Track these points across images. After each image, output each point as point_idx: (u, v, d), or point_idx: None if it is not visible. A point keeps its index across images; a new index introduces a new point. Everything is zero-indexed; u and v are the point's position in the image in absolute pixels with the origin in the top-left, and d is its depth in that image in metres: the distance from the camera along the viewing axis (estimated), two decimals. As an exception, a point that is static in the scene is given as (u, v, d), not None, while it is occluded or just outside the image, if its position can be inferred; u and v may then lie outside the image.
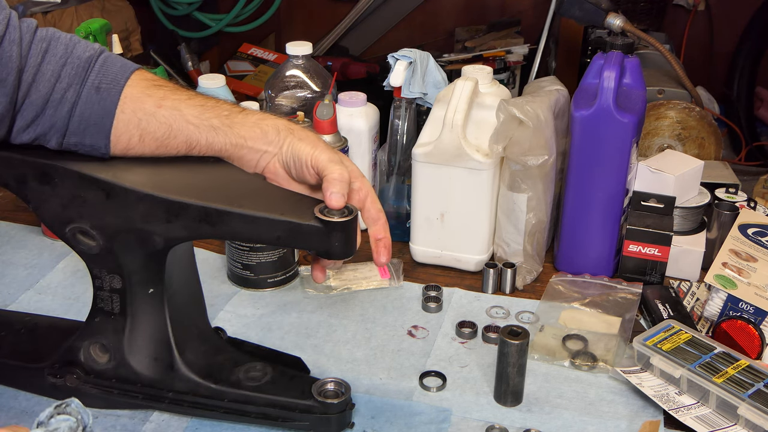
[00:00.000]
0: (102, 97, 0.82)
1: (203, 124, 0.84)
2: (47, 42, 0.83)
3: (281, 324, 1.08)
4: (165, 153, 0.85)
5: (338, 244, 0.80)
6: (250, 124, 0.86)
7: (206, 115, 0.85)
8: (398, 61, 1.21)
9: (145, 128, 0.83)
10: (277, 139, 0.86)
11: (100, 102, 0.82)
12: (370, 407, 0.92)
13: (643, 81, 1.14)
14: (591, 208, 1.15)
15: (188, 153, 0.86)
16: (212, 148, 0.85)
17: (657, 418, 0.91)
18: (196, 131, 0.84)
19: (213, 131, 0.84)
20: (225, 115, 0.85)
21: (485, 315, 1.10)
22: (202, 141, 0.85)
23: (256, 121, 0.86)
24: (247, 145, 0.86)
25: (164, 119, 0.83)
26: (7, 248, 1.25)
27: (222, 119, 0.85)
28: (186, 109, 0.84)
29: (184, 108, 0.84)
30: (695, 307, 1.11)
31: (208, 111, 0.85)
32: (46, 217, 0.87)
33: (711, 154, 1.43)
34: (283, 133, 0.86)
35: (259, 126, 0.86)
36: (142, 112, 0.83)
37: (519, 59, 1.80)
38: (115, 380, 0.89)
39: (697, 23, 1.98)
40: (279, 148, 0.85)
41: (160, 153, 0.85)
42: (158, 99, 0.84)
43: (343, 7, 2.21)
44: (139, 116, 0.83)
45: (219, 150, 0.86)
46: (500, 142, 1.11)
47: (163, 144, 0.84)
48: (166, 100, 0.84)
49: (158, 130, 0.83)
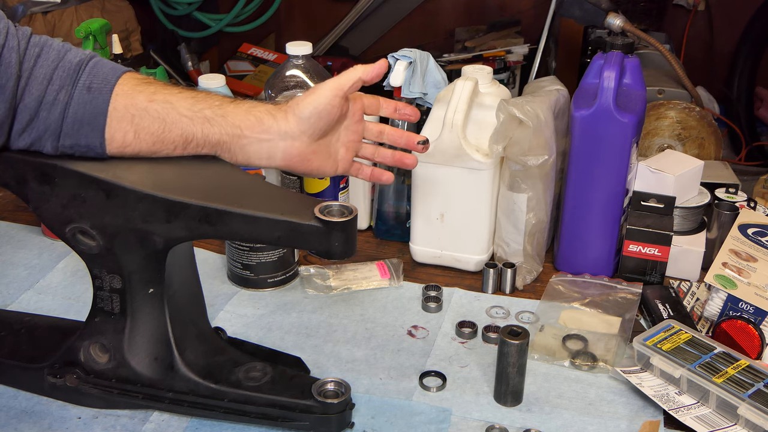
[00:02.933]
0: (93, 96, 0.83)
1: (196, 116, 0.85)
2: (40, 47, 0.83)
3: (281, 324, 1.08)
4: (162, 149, 0.86)
5: (338, 244, 0.80)
6: (242, 113, 0.87)
7: (198, 106, 0.85)
8: (398, 61, 1.21)
9: (139, 124, 0.84)
10: (272, 123, 0.88)
11: (92, 101, 0.83)
12: (370, 407, 0.92)
13: (643, 81, 1.14)
14: (591, 208, 1.15)
15: (186, 148, 0.86)
16: (209, 140, 0.86)
17: (657, 418, 0.91)
18: (190, 123, 0.85)
19: (207, 122, 0.85)
20: (217, 105, 0.87)
21: (485, 315, 1.10)
22: (197, 133, 0.85)
23: (248, 109, 0.88)
24: (244, 134, 0.87)
25: (157, 113, 0.84)
26: (7, 248, 1.25)
27: (214, 110, 0.86)
28: (177, 102, 0.85)
29: (175, 101, 0.85)
30: (695, 307, 1.11)
31: (200, 102, 0.86)
32: (46, 217, 0.87)
33: (711, 154, 1.43)
34: (277, 114, 0.88)
35: (251, 113, 0.88)
36: (135, 107, 0.83)
37: (519, 59, 1.79)
38: (115, 380, 0.89)
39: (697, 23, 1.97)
40: (279, 130, 0.88)
41: (157, 149, 0.85)
42: (149, 94, 0.84)
43: (343, 7, 2.21)
44: (132, 112, 0.83)
45: (217, 142, 0.87)
46: (500, 142, 1.11)
47: (159, 139, 0.85)
48: (157, 95, 0.84)
49: (152, 125, 0.84)
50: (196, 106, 0.85)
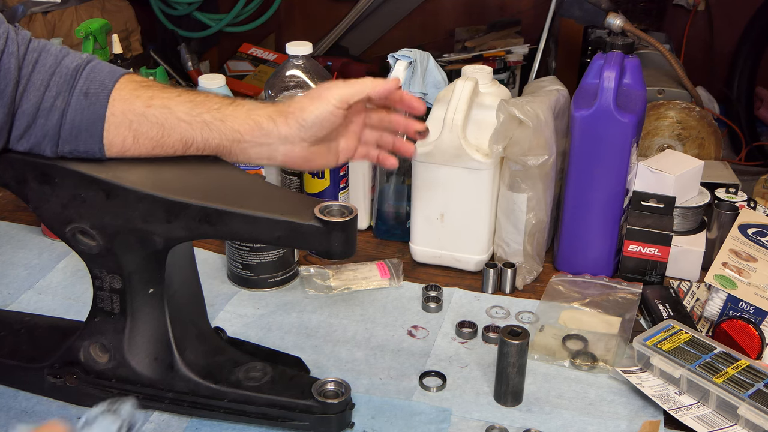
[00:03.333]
0: (91, 102, 0.82)
1: (195, 120, 0.84)
2: (38, 53, 0.83)
3: (281, 324, 1.08)
4: (162, 153, 0.85)
5: (338, 244, 0.80)
6: (242, 117, 0.86)
7: (197, 110, 0.85)
8: (398, 61, 1.21)
9: (138, 129, 0.83)
10: (273, 128, 0.87)
11: (90, 107, 0.82)
12: (370, 407, 0.92)
13: (643, 81, 1.14)
14: (591, 208, 1.15)
15: (186, 151, 0.86)
16: (209, 144, 0.86)
17: (657, 418, 0.91)
18: (189, 128, 0.84)
19: (206, 127, 0.85)
20: (216, 108, 0.86)
21: (485, 315, 1.10)
22: (197, 138, 0.85)
23: (247, 112, 0.87)
24: (244, 138, 0.86)
25: (155, 119, 0.83)
26: (7, 248, 1.25)
27: (213, 113, 0.85)
28: (176, 106, 0.84)
29: (174, 106, 0.84)
30: (695, 307, 1.11)
31: (199, 106, 0.85)
32: (46, 217, 0.87)
33: (711, 154, 1.43)
34: (278, 119, 0.87)
35: (251, 117, 0.87)
36: (132, 113, 0.83)
37: (519, 59, 1.79)
38: (115, 380, 0.89)
39: (697, 23, 1.97)
40: (279, 135, 0.87)
41: (157, 153, 0.85)
42: (147, 99, 0.84)
43: (343, 7, 2.21)
44: (130, 118, 0.83)
45: (217, 146, 0.86)
46: (500, 142, 1.11)
47: (159, 144, 0.84)
48: (155, 99, 0.84)
49: (151, 130, 0.84)
50: (194, 110, 0.85)
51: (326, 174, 1.22)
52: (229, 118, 0.86)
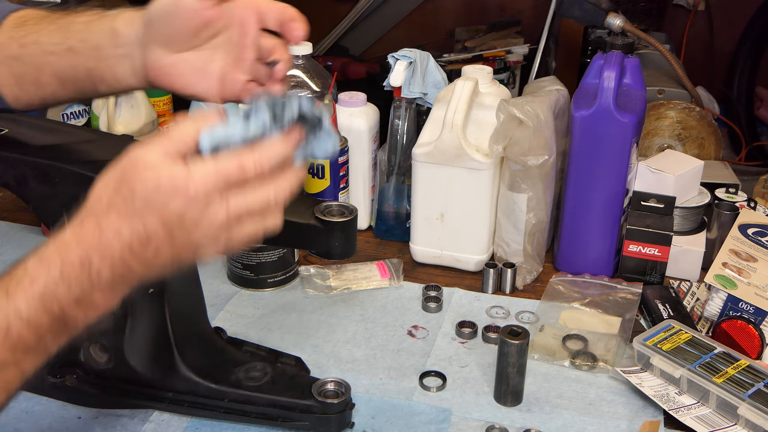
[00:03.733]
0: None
1: (60, 50, 0.75)
2: None
3: (281, 324, 1.08)
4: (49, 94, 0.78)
5: (338, 244, 0.80)
6: (104, 29, 0.76)
7: (65, 35, 0.76)
8: (398, 61, 1.21)
9: (19, 74, 0.77)
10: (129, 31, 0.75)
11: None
12: (370, 407, 0.92)
13: (643, 81, 1.14)
14: (591, 208, 1.15)
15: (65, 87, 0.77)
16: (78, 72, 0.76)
17: (657, 418, 0.91)
18: (57, 60, 0.76)
19: (72, 54, 0.75)
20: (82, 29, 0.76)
21: (485, 315, 1.10)
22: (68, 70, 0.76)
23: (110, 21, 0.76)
24: (107, 54, 0.76)
25: (30, 59, 0.76)
26: (7, 248, 1.25)
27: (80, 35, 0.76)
28: (45, 38, 0.76)
29: (44, 40, 0.76)
30: (695, 307, 1.11)
31: (66, 30, 0.76)
32: (46, 217, 0.87)
33: (711, 154, 1.43)
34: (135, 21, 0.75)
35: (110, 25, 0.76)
36: (11, 58, 0.77)
37: (519, 59, 1.79)
38: (115, 380, 0.89)
39: (697, 23, 1.97)
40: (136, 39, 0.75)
41: (48, 97, 0.78)
42: (19, 39, 0.76)
43: (343, 7, 2.21)
44: (9, 64, 0.77)
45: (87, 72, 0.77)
46: (500, 142, 1.11)
47: (38, 85, 0.77)
48: (27, 37, 0.76)
49: (29, 73, 0.77)
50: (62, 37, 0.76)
51: (326, 174, 1.22)
52: (94, 34, 0.75)
